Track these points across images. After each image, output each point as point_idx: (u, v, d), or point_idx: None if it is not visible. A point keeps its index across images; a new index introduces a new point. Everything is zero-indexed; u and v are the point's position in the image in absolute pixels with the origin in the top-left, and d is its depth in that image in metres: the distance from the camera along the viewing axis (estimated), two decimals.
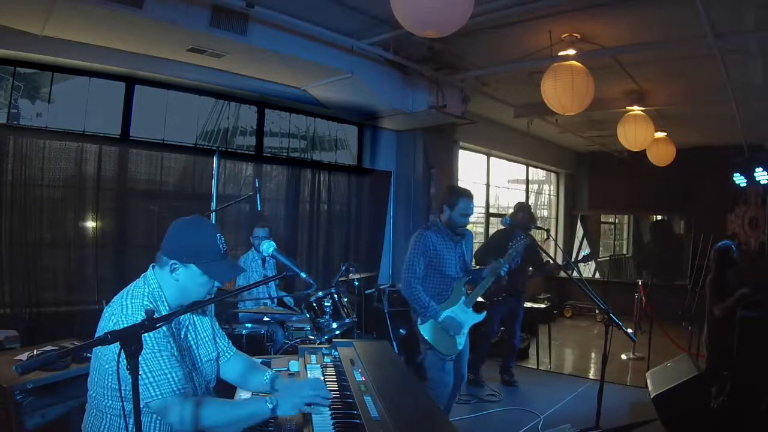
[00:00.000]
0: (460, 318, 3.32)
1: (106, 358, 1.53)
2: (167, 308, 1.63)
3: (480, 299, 4.10)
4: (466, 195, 3.36)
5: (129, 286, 1.65)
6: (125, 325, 1.48)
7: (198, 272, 1.62)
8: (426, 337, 3.28)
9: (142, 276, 1.67)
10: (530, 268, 5.29)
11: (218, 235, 1.67)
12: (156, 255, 1.67)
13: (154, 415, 1.57)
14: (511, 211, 9.45)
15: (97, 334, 1.56)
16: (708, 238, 6.04)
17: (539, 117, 6.57)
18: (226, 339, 1.94)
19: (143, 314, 1.49)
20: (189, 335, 1.75)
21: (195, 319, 1.79)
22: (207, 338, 1.81)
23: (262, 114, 5.54)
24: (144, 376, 1.47)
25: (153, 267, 1.68)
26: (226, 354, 1.91)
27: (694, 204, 8.80)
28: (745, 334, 3.95)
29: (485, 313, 3.48)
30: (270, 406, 1.55)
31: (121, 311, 1.54)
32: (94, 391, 1.59)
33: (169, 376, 1.53)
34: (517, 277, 5.01)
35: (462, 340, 3.35)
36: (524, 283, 5.25)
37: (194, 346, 1.76)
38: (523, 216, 5.10)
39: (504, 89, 5.78)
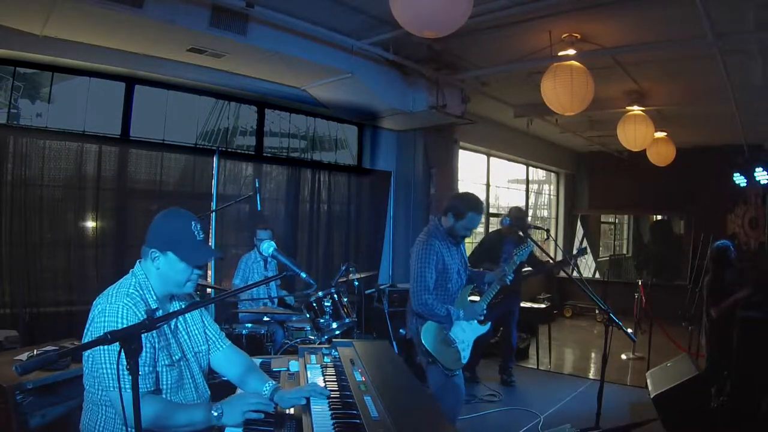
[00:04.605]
0: (466, 330, 3.09)
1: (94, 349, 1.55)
2: (154, 297, 1.72)
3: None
4: (477, 210, 3.07)
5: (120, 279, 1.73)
6: (108, 312, 1.56)
7: (175, 259, 1.71)
8: (429, 349, 2.98)
9: (131, 270, 1.77)
10: (526, 268, 5.28)
11: (193, 223, 1.74)
12: (141, 249, 1.76)
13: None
14: (509, 210, 9.39)
15: (86, 325, 1.63)
16: (708, 238, 6.04)
17: (539, 117, 6.57)
18: (217, 328, 1.99)
19: (126, 301, 1.60)
20: (180, 325, 1.83)
21: None
22: (197, 330, 1.88)
23: (262, 114, 5.54)
24: (110, 366, 1.53)
25: (139, 261, 1.78)
26: (218, 345, 1.96)
27: (694, 204, 8.80)
28: (745, 334, 3.96)
29: (489, 324, 3.27)
30: (216, 414, 1.59)
31: (106, 300, 1.64)
32: (90, 385, 1.63)
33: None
34: (514, 277, 5.03)
35: (467, 354, 3.10)
36: (520, 282, 5.24)
37: (185, 336, 1.83)
38: (519, 219, 5.13)
39: (504, 89, 5.78)
